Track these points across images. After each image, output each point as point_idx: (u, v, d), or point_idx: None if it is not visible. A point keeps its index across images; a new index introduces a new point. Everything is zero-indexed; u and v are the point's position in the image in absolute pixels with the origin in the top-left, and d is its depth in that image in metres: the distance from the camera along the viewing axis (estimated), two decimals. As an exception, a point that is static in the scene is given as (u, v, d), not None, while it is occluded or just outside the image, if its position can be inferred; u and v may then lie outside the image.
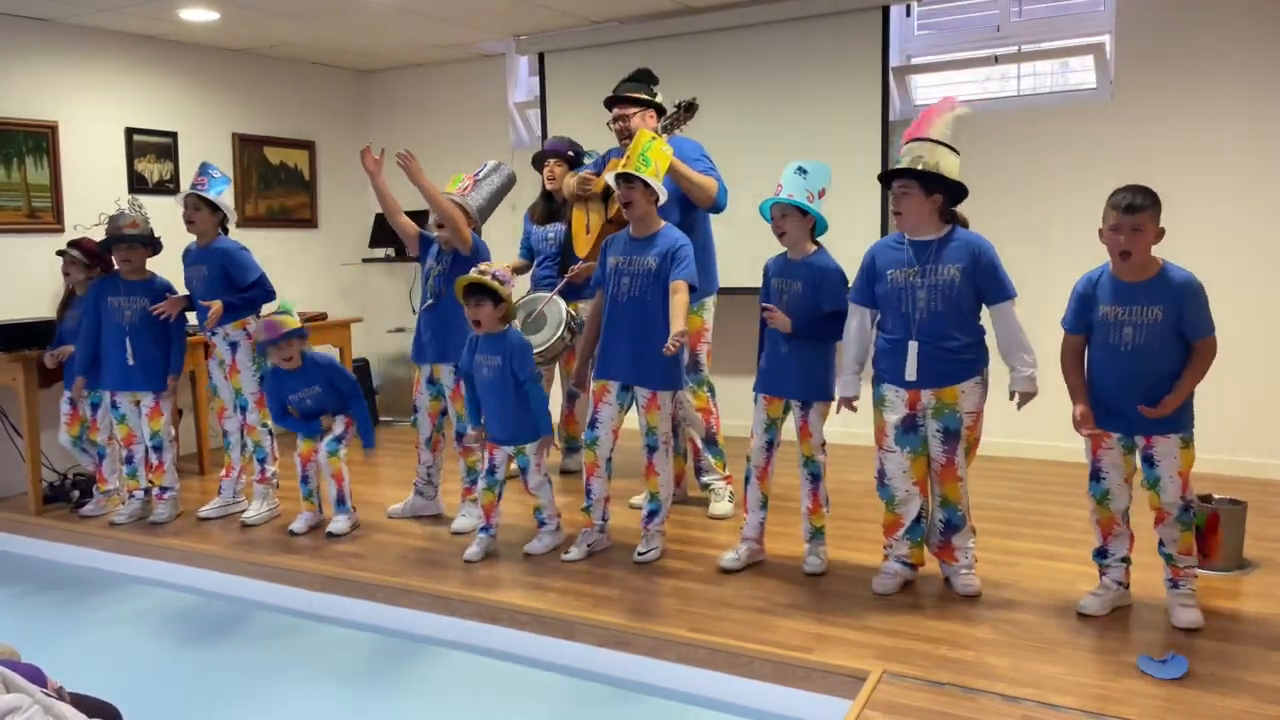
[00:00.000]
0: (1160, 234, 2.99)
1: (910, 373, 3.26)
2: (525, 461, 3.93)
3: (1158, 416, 2.99)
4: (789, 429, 3.67)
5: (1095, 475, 3.19)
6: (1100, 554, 3.25)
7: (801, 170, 3.46)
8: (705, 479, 4.53)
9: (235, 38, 6.08)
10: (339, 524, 4.34)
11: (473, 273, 3.78)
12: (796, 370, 3.56)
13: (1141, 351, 3.00)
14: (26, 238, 5.41)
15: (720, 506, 4.45)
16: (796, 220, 3.50)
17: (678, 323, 3.50)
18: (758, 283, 3.72)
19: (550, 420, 3.97)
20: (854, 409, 3.47)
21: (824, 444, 3.63)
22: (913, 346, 3.25)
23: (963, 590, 3.40)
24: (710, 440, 4.46)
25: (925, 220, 3.25)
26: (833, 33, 5.44)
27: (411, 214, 4.54)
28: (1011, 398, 3.28)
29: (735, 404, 5.36)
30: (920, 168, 3.17)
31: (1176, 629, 3.07)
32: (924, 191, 3.20)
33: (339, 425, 4.41)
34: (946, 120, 3.25)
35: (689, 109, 4.26)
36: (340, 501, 4.37)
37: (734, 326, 4.98)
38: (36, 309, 5.35)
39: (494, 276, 3.77)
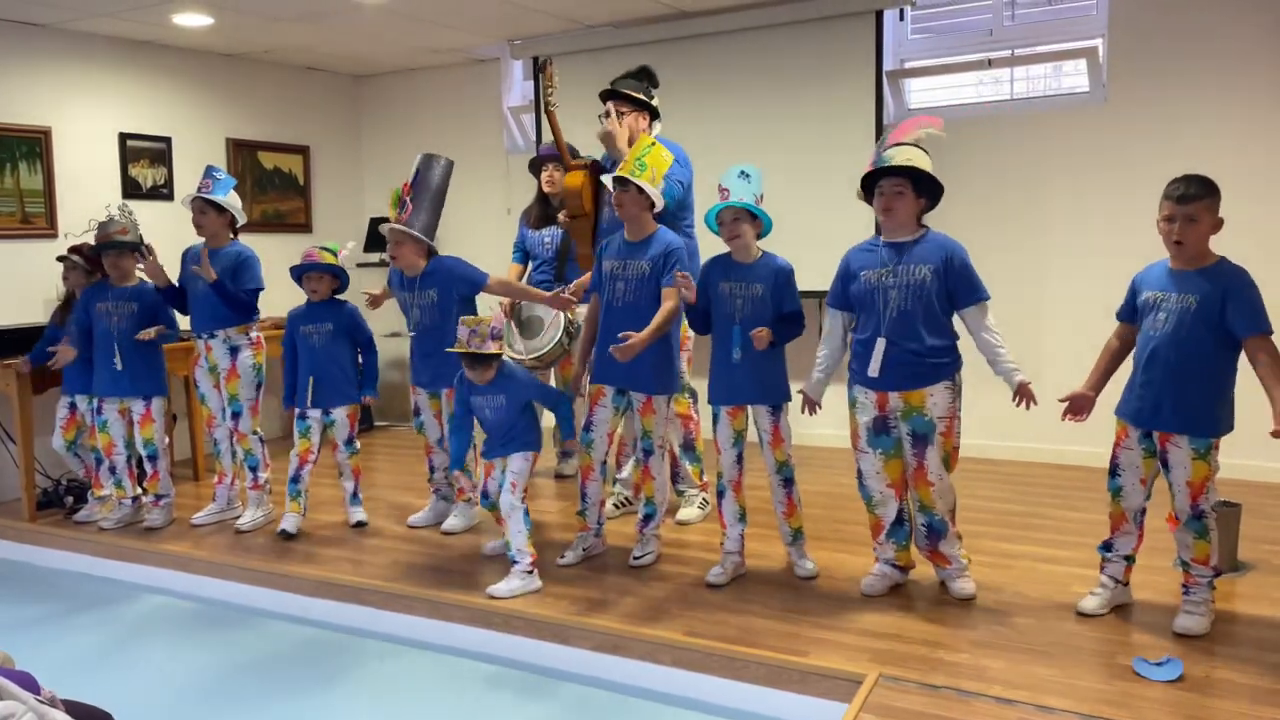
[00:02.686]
0: (1217, 225, 2.97)
1: (874, 369, 3.26)
2: (502, 480, 3.71)
3: None
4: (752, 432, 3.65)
5: (1113, 471, 3.19)
6: (1105, 546, 3.26)
7: (745, 175, 3.48)
8: (679, 486, 4.52)
9: (229, 42, 6.07)
10: (361, 514, 4.57)
11: (470, 342, 3.59)
12: (757, 375, 3.53)
13: (1169, 338, 2.98)
14: (20, 243, 5.40)
15: (688, 512, 4.43)
16: (747, 222, 3.51)
17: (650, 327, 3.56)
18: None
19: (539, 436, 3.86)
20: (815, 411, 3.48)
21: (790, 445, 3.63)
22: (880, 344, 3.25)
23: (958, 594, 3.40)
24: (688, 446, 4.45)
25: (910, 220, 3.28)
26: (826, 37, 5.45)
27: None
28: (1018, 401, 3.23)
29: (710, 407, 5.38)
30: (918, 165, 3.19)
31: (1174, 633, 3.05)
32: (915, 192, 3.23)
33: (343, 427, 4.46)
34: (920, 137, 3.29)
35: (544, 69, 4.33)
36: (356, 495, 4.59)
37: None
38: (30, 315, 5.35)
39: (493, 335, 3.61)
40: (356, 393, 4.48)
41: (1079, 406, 3.19)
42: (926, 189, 3.24)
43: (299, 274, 4.38)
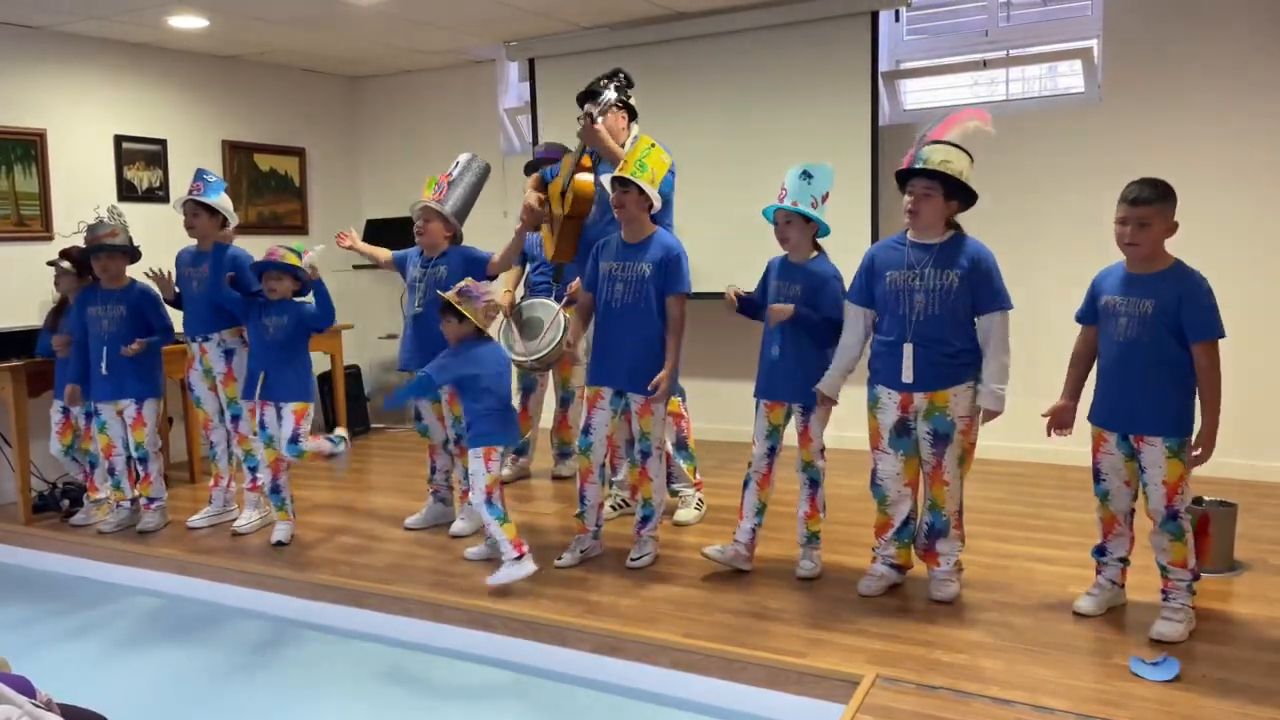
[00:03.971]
0: (1171, 229, 2.99)
1: (906, 375, 3.26)
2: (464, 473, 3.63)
3: (1201, 462, 2.96)
4: (789, 434, 3.66)
5: (1096, 477, 3.20)
6: (1099, 551, 3.26)
7: (807, 175, 3.44)
8: (674, 485, 4.51)
9: (225, 44, 6.07)
10: (337, 446, 4.37)
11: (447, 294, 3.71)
12: (795, 374, 3.54)
13: (1132, 344, 3.01)
14: (15, 246, 5.39)
15: (685, 514, 4.43)
16: (800, 226, 3.49)
17: (673, 354, 3.64)
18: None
19: (513, 433, 3.82)
20: (832, 403, 3.47)
21: (823, 449, 3.63)
22: (908, 349, 3.25)
23: (934, 595, 3.39)
24: (681, 445, 4.45)
25: (937, 223, 3.25)
26: (822, 38, 5.45)
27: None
28: (976, 413, 3.29)
29: (710, 407, 5.36)
30: (949, 171, 3.16)
31: (1150, 639, 3.01)
32: (944, 195, 3.21)
33: (289, 425, 4.25)
34: (968, 130, 3.25)
35: (613, 80, 4.25)
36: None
37: (712, 330, 4.97)
38: (25, 318, 5.34)
39: (460, 291, 3.69)
40: (309, 392, 4.36)
41: (1062, 420, 3.20)
42: (959, 191, 3.21)
43: (259, 272, 4.32)
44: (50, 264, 4.88)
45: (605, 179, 3.79)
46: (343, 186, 7.33)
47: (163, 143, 6.10)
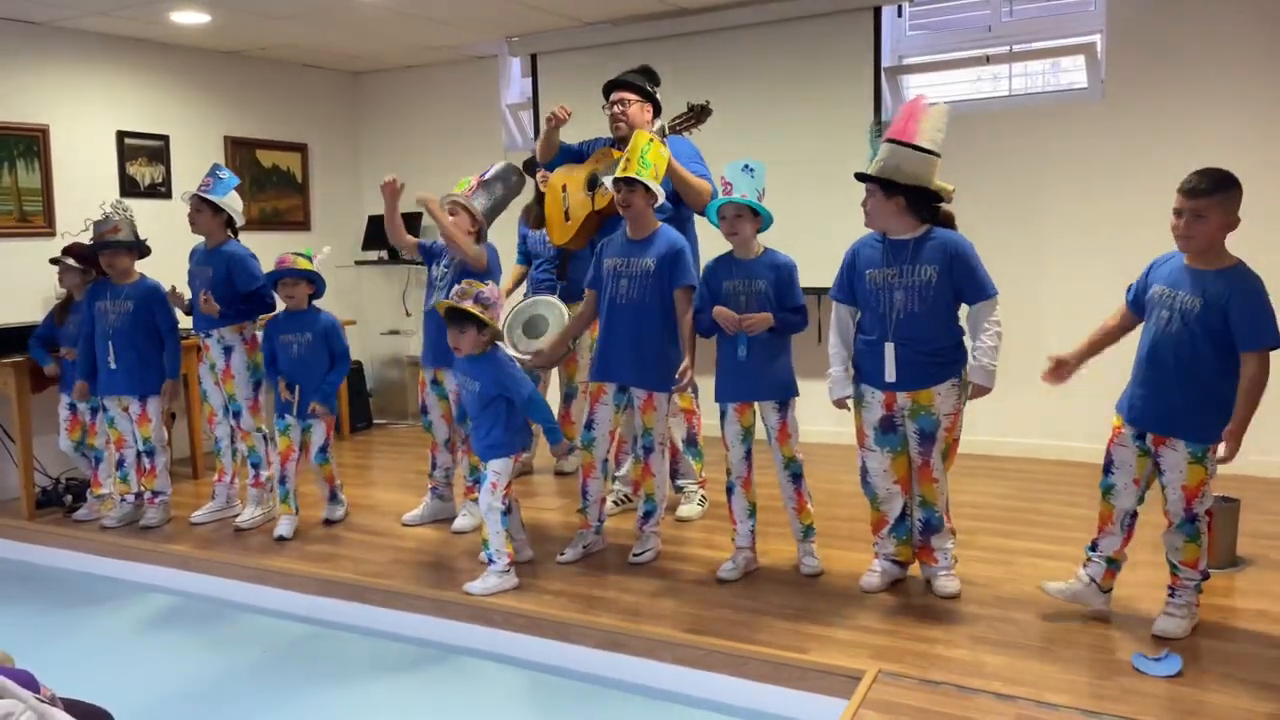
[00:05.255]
0: (1230, 224, 2.84)
1: (889, 374, 3.25)
2: (483, 477, 3.63)
3: (1229, 457, 2.81)
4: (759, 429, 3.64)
5: (1106, 468, 3.11)
6: (1092, 546, 3.19)
7: (749, 169, 3.45)
8: (680, 481, 4.52)
9: (227, 40, 6.07)
10: (335, 512, 4.60)
11: (453, 297, 3.58)
12: (764, 372, 3.53)
13: (1171, 340, 2.89)
14: (17, 242, 5.40)
15: (688, 509, 4.43)
16: (749, 220, 3.50)
17: (687, 344, 3.62)
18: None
19: (529, 436, 3.85)
20: (848, 408, 3.46)
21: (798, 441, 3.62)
22: (889, 348, 3.24)
23: (939, 591, 3.39)
24: (691, 441, 4.45)
25: (892, 221, 3.24)
26: (825, 33, 5.45)
27: (406, 216, 4.54)
28: (965, 388, 3.26)
29: (710, 404, 5.37)
30: (874, 172, 3.18)
31: (1153, 635, 3.01)
32: (884, 194, 3.20)
33: (319, 434, 4.41)
34: (931, 121, 3.19)
35: (702, 113, 4.22)
36: (333, 496, 4.60)
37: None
38: (28, 314, 5.34)
39: (478, 299, 3.55)
40: (334, 405, 4.44)
41: (1058, 374, 3.17)
42: (898, 189, 3.18)
43: (274, 280, 4.36)
44: (54, 261, 4.88)
45: (608, 179, 3.79)
46: (345, 182, 7.33)
47: (165, 138, 6.10)
